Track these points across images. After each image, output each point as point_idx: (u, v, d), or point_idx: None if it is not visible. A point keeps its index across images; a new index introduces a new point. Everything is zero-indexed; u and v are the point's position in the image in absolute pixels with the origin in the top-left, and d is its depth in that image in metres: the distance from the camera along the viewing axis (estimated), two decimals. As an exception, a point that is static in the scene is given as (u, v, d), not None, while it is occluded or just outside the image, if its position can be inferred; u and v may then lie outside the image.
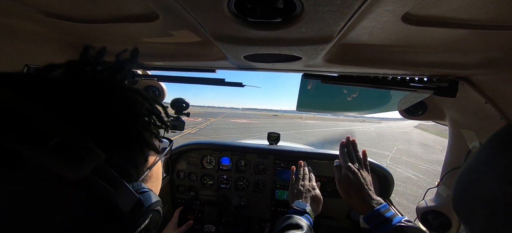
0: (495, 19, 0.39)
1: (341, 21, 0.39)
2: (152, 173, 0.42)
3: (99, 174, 0.28)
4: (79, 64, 0.34)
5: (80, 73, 0.33)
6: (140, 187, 0.34)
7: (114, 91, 0.34)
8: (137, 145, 0.36)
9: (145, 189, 0.35)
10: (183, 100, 1.30)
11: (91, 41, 0.71)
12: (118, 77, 0.36)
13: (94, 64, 0.35)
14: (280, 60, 0.66)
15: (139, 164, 0.37)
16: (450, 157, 0.94)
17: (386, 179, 1.41)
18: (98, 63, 0.35)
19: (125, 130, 0.33)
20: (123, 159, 0.33)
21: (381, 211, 0.69)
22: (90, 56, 0.35)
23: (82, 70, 0.33)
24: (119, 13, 0.50)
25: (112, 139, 0.32)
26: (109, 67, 0.36)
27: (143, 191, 0.34)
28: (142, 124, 0.37)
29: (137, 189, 0.33)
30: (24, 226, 0.25)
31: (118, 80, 0.36)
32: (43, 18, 0.54)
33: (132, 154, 0.35)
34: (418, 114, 1.02)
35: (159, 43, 0.69)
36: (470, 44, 0.50)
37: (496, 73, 0.61)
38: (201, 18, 0.43)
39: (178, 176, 1.56)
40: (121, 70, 0.37)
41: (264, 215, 1.51)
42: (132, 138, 0.35)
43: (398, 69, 0.70)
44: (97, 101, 0.31)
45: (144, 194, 0.34)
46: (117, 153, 0.32)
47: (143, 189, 0.34)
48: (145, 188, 0.35)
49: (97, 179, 0.28)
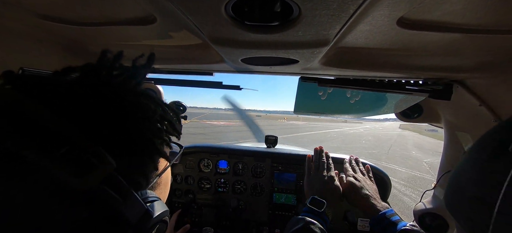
0: (487, 24, 0.40)
1: (338, 25, 0.40)
2: (161, 179, 0.41)
3: (108, 183, 0.27)
4: (95, 68, 0.33)
5: (95, 77, 0.32)
6: (148, 195, 0.33)
7: (127, 97, 0.33)
8: (148, 152, 0.35)
9: (154, 197, 0.33)
10: (180, 103, 1.30)
11: (88, 44, 0.71)
12: (133, 83, 0.35)
13: (110, 69, 0.34)
14: (277, 63, 0.66)
15: (149, 172, 0.36)
16: (446, 159, 0.95)
17: (383, 181, 1.42)
18: (115, 67, 0.34)
19: (136, 137, 0.32)
20: (132, 167, 0.32)
21: (387, 215, 0.72)
22: (107, 60, 0.34)
23: (98, 75, 0.32)
24: (116, 16, 0.50)
25: (123, 146, 0.31)
26: (124, 72, 0.35)
27: (152, 200, 0.33)
28: (153, 131, 0.36)
29: (145, 198, 0.32)
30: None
31: (132, 85, 0.35)
32: (39, 20, 0.53)
33: (142, 161, 0.34)
34: (414, 116, 1.03)
35: (157, 46, 0.69)
36: (464, 48, 0.51)
37: (489, 76, 0.63)
38: (199, 21, 0.43)
39: (175, 179, 1.55)
40: (137, 75, 0.35)
41: (262, 218, 1.50)
42: (143, 145, 0.33)
43: (394, 72, 0.70)
44: (108, 106, 0.30)
45: (152, 203, 0.33)
46: (127, 160, 0.31)
47: (152, 198, 0.33)
48: (153, 196, 0.34)
49: (107, 189, 0.27)
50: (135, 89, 0.35)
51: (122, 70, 0.35)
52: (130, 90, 0.34)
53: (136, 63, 0.36)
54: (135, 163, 0.33)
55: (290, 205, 1.48)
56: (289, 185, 1.49)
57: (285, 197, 1.49)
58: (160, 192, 0.40)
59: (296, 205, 1.47)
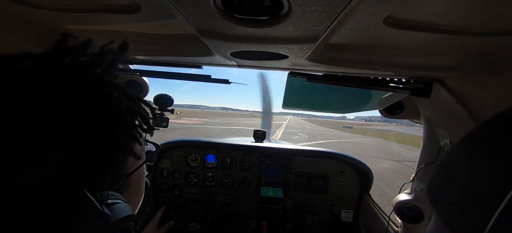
0: (465, 26, 0.42)
1: (327, 21, 0.40)
2: (131, 181, 0.37)
3: (50, 179, 0.24)
4: (55, 54, 0.30)
5: (55, 64, 0.29)
6: (109, 197, 0.29)
7: (88, 85, 0.30)
8: (109, 148, 0.31)
9: (116, 200, 0.30)
10: (167, 96, 1.26)
11: (67, 31, 0.66)
12: (97, 71, 0.32)
13: (76, 55, 0.31)
14: (266, 58, 0.66)
15: (110, 171, 0.32)
16: (424, 153, 1.01)
17: (365, 174, 1.48)
18: (82, 54, 0.31)
19: (93, 129, 0.29)
20: (89, 163, 0.29)
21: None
22: (70, 46, 0.31)
23: (59, 61, 0.29)
24: (98, 2, 0.47)
25: (77, 139, 0.27)
26: (91, 59, 0.32)
27: (113, 202, 0.29)
28: (119, 124, 0.32)
29: (103, 199, 0.28)
30: None
31: (97, 73, 0.32)
32: (10, 4, 0.49)
33: (101, 158, 0.30)
34: (396, 113, 1.08)
35: (142, 35, 0.66)
36: (443, 48, 0.54)
37: (464, 76, 0.66)
38: (187, 12, 0.42)
39: (161, 174, 1.52)
40: (102, 62, 0.32)
41: (250, 212, 1.52)
42: (102, 140, 0.30)
43: (379, 70, 0.73)
44: (64, 94, 0.27)
45: (113, 206, 0.28)
46: (81, 155, 0.28)
47: (113, 200, 0.29)
48: (116, 198, 0.30)
49: (48, 184, 0.24)
50: (101, 78, 0.32)
51: (89, 58, 0.32)
52: (92, 78, 0.31)
53: (104, 50, 0.34)
54: (92, 159, 0.29)
55: (278, 198, 1.51)
56: (276, 178, 1.52)
57: (272, 190, 1.52)
58: (129, 194, 0.36)
59: (283, 198, 1.51)
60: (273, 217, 1.50)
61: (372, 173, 1.49)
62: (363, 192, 1.49)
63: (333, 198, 1.51)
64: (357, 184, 1.52)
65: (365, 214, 1.46)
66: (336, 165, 1.52)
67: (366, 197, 1.46)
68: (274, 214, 1.51)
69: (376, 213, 1.32)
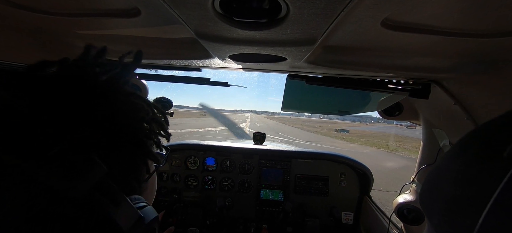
0: (463, 28, 0.42)
1: (325, 24, 0.40)
2: (148, 184, 0.39)
3: (100, 189, 0.25)
4: (78, 64, 0.30)
5: (80, 74, 0.29)
6: (138, 200, 0.31)
7: (118, 97, 0.30)
8: (140, 155, 0.33)
9: (143, 203, 0.31)
10: (166, 99, 1.26)
11: (66, 36, 0.66)
12: (121, 81, 0.32)
13: (93, 65, 0.31)
14: (265, 60, 0.66)
15: (141, 176, 0.34)
16: (423, 155, 1.01)
17: (365, 176, 1.48)
18: (98, 64, 0.32)
19: (129, 139, 0.30)
20: (125, 171, 0.30)
21: None
22: (91, 56, 0.32)
23: (83, 71, 0.29)
24: (95, 6, 0.48)
25: (115, 149, 0.28)
26: (111, 69, 0.32)
27: (142, 206, 0.31)
28: (145, 133, 0.34)
29: (135, 203, 0.30)
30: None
31: (121, 84, 0.32)
32: (12, 9, 0.49)
33: (134, 164, 0.32)
34: (395, 114, 1.08)
35: (141, 38, 0.67)
36: (440, 50, 0.54)
37: (462, 77, 0.67)
38: (185, 16, 0.42)
39: (160, 177, 1.51)
40: (126, 74, 0.33)
41: (249, 215, 1.51)
42: (135, 148, 0.32)
43: (378, 71, 0.73)
44: (98, 106, 0.28)
45: (143, 209, 0.30)
46: (119, 163, 0.29)
47: (142, 203, 0.31)
48: (143, 201, 0.31)
49: (99, 195, 0.25)
50: (124, 88, 0.32)
51: (108, 67, 0.32)
52: (119, 89, 0.32)
53: (123, 61, 0.34)
54: (127, 166, 0.31)
55: (277, 201, 1.51)
56: (276, 181, 1.51)
57: (272, 193, 1.51)
58: (146, 196, 0.38)
59: (283, 201, 1.50)
60: (273, 220, 1.49)
61: (372, 174, 1.48)
62: (363, 194, 1.49)
63: (333, 200, 1.51)
64: (357, 185, 1.51)
65: (366, 215, 1.45)
66: (335, 167, 1.52)
67: (366, 198, 1.46)
68: (274, 217, 1.50)
69: (377, 215, 1.32)
